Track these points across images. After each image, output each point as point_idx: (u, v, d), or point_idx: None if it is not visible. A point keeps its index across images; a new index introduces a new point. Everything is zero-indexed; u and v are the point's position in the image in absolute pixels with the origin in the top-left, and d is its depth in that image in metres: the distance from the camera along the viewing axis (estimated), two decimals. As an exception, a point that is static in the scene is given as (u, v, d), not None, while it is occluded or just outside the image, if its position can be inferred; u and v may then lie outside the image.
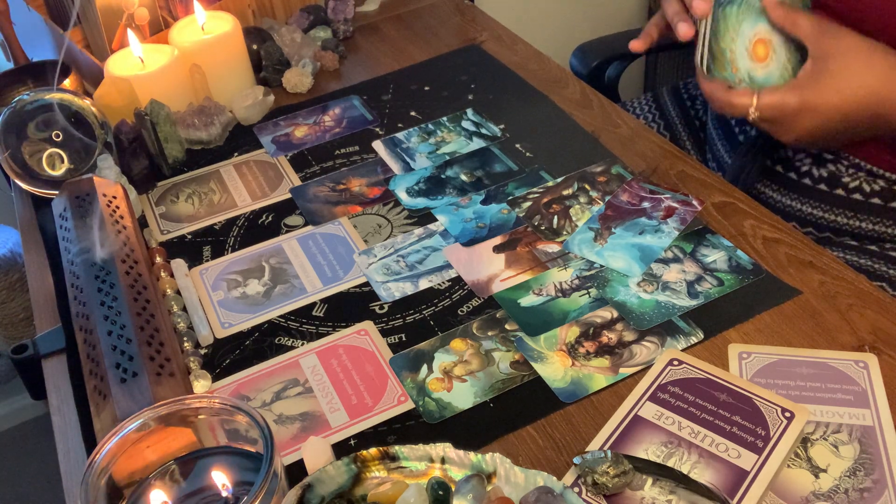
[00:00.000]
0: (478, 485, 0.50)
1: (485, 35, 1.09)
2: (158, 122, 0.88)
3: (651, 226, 0.74)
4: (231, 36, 0.96)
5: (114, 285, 0.66)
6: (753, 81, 0.70)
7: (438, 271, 0.73)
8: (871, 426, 0.56)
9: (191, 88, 0.96)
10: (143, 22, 1.00)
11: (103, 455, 0.51)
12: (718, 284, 0.68)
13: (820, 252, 0.70)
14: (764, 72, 0.69)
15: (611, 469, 0.52)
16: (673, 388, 0.59)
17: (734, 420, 0.56)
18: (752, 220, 0.74)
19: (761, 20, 0.70)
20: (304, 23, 1.10)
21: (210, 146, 0.93)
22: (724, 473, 0.53)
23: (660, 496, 0.53)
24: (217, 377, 0.66)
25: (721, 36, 0.70)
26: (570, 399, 0.61)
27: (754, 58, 0.69)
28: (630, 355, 0.63)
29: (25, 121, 0.85)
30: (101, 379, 0.60)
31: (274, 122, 0.96)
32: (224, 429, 0.56)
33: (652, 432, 0.56)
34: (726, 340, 0.63)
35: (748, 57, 0.69)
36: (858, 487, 0.52)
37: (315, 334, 0.69)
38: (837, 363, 0.60)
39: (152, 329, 0.64)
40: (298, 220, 0.81)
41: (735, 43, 0.69)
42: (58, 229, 0.77)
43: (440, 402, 0.62)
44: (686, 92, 1.06)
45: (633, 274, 0.70)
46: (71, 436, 0.63)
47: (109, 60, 0.94)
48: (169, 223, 0.83)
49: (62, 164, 0.86)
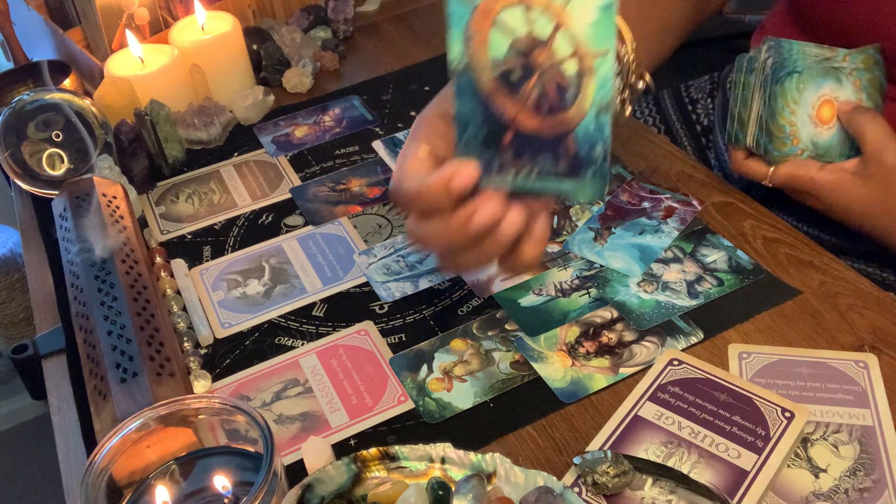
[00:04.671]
0: (478, 485, 0.50)
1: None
2: (158, 122, 0.88)
3: (651, 226, 0.74)
4: (231, 36, 0.96)
5: (114, 285, 0.66)
6: (817, 147, 0.69)
7: (439, 271, 0.73)
8: (871, 426, 0.56)
9: (191, 88, 0.96)
10: (143, 22, 1.00)
11: (103, 455, 0.51)
12: (718, 284, 0.68)
13: (820, 252, 0.70)
14: (829, 133, 0.69)
15: (611, 469, 0.52)
16: (673, 388, 0.59)
17: (734, 420, 0.56)
18: (752, 220, 0.74)
19: (827, 80, 0.68)
20: (304, 23, 1.10)
21: (210, 146, 0.93)
22: (724, 473, 0.53)
23: (660, 496, 0.53)
24: (217, 377, 0.66)
25: (779, 113, 0.68)
26: (570, 399, 0.61)
27: (819, 121, 0.68)
28: (630, 355, 0.63)
29: (25, 121, 0.85)
30: (101, 379, 0.60)
31: (274, 122, 0.96)
32: (224, 429, 0.56)
33: (652, 432, 0.56)
34: (726, 340, 0.63)
35: (811, 123, 0.68)
36: (858, 487, 0.52)
37: (315, 334, 0.69)
38: (837, 363, 0.60)
39: (152, 329, 0.64)
40: (298, 220, 0.81)
41: (795, 115, 0.68)
42: (58, 229, 0.77)
43: (440, 402, 0.62)
44: (687, 95, 1.06)
45: (633, 274, 0.70)
46: (71, 436, 0.63)
47: (109, 60, 0.94)
48: (169, 223, 0.83)
49: (62, 164, 0.86)
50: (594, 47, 0.47)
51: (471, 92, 0.50)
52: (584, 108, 0.49)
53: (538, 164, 0.51)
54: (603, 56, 0.48)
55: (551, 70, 0.49)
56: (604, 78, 0.48)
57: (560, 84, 0.49)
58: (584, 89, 0.49)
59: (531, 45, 0.49)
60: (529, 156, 0.51)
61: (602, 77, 0.48)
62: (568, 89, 0.49)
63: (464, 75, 0.50)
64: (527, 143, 0.51)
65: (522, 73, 0.49)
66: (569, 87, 0.49)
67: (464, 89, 0.50)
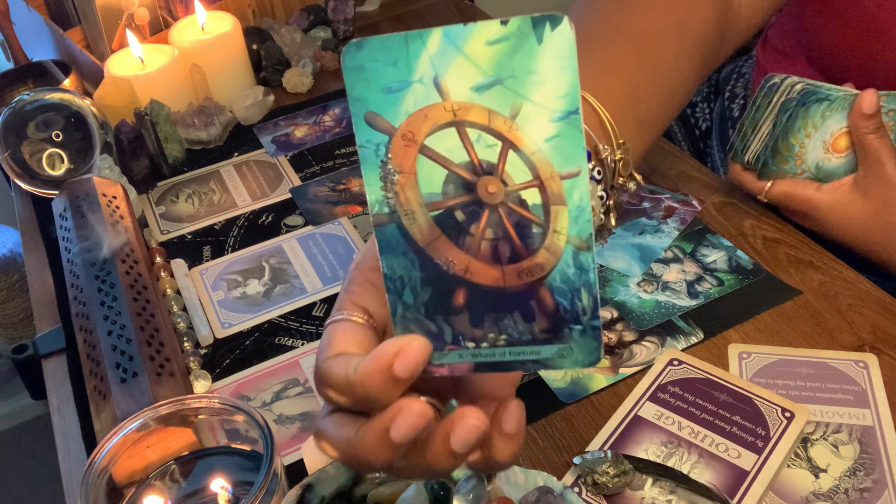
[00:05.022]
0: (478, 485, 0.50)
1: (485, 35, 1.09)
2: (158, 122, 0.88)
3: (651, 226, 0.74)
4: (231, 36, 0.96)
5: (114, 285, 0.66)
6: (820, 172, 0.69)
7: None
8: (871, 426, 0.56)
9: (191, 88, 0.96)
10: (143, 22, 1.00)
11: (103, 455, 0.51)
12: (718, 284, 0.68)
13: (820, 252, 0.70)
14: (837, 162, 0.68)
15: (611, 469, 0.52)
16: (673, 388, 0.59)
17: (734, 420, 0.56)
18: (752, 220, 0.74)
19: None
20: (304, 23, 1.10)
21: (210, 146, 0.93)
22: (724, 473, 0.53)
23: (660, 496, 0.53)
24: (217, 377, 0.66)
25: (793, 133, 0.68)
26: (570, 399, 0.61)
27: (832, 149, 0.68)
28: (630, 355, 0.63)
29: (25, 121, 0.85)
30: (101, 379, 0.60)
31: (274, 122, 0.96)
32: (224, 429, 0.56)
33: (652, 432, 0.56)
34: (726, 340, 0.63)
35: (823, 149, 0.68)
36: (858, 487, 0.52)
37: (315, 334, 0.69)
38: (837, 363, 0.60)
39: (152, 329, 0.64)
40: (298, 220, 0.81)
41: (809, 138, 0.68)
42: (58, 229, 0.77)
43: (440, 402, 0.61)
44: None
45: (633, 274, 0.70)
46: (71, 436, 0.63)
47: (109, 60, 0.94)
48: (169, 223, 0.83)
49: (62, 164, 0.86)
50: (560, 168, 0.36)
51: (401, 244, 0.38)
52: (557, 249, 0.37)
53: (505, 328, 0.38)
54: (573, 178, 0.36)
55: (506, 204, 0.37)
56: (578, 206, 0.36)
57: (520, 221, 0.37)
58: (554, 223, 0.37)
59: (475, 175, 0.37)
60: (492, 319, 0.38)
61: (576, 205, 0.36)
62: (532, 226, 0.37)
63: (388, 224, 0.38)
64: (486, 302, 0.38)
65: (468, 211, 0.37)
66: (532, 223, 0.37)
67: (391, 242, 0.38)
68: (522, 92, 0.35)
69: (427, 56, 0.35)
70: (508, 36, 0.34)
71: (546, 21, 0.34)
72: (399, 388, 0.36)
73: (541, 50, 0.34)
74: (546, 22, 0.34)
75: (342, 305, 0.41)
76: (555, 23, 0.34)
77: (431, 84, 0.36)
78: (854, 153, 0.67)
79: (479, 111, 0.36)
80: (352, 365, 0.36)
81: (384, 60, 0.36)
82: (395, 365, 0.36)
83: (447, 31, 0.35)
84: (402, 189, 0.37)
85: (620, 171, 0.58)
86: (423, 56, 0.35)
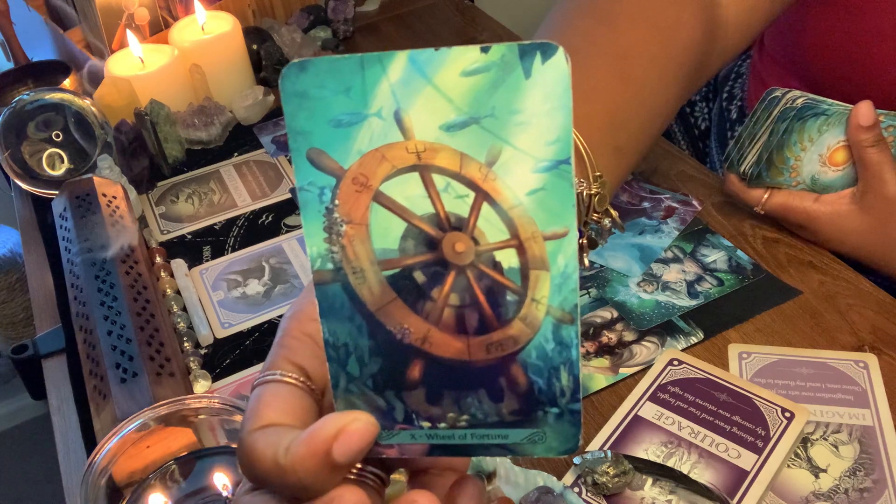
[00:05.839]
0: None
1: (485, 35, 1.09)
2: (158, 122, 0.88)
3: (651, 226, 0.74)
4: (231, 36, 0.96)
5: (114, 285, 0.66)
6: (816, 184, 0.68)
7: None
8: (871, 426, 0.56)
9: (191, 88, 0.96)
10: (143, 22, 1.00)
11: (103, 455, 0.51)
12: (718, 284, 0.68)
13: (820, 252, 0.70)
14: (834, 175, 0.68)
15: (611, 469, 0.52)
16: (673, 388, 0.59)
17: (734, 420, 0.56)
18: (752, 221, 0.74)
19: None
20: (304, 23, 1.10)
21: (210, 146, 0.93)
22: (724, 473, 0.53)
23: (660, 496, 0.53)
24: (217, 377, 0.66)
25: (788, 146, 0.67)
26: (570, 399, 0.60)
27: (829, 162, 0.67)
28: (630, 355, 0.63)
29: (25, 121, 0.85)
30: (101, 379, 0.60)
31: (274, 122, 0.96)
32: (224, 429, 0.56)
33: (652, 432, 0.56)
34: (726, 340, 0.63)
35: (819, 162, 0.67)
36: (858, 487, 0.52)
37: (315, 334, 0.69)
38: (837, 363, 0.60)
39: (152, 329, 0.64)
40: (298, 220, 0.81)
41: (805, 152, 0.67)
42: (58, 229, 0.77)
43: (440, 402, 0.61)
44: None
45: (633, 274, 0.70)
46: (71, 436, 0.63)
47: (109, 60, 0.94)
48: (169, 223, 0.83)
49: (62, 164, 0.86)
50: (543, 227, 0.30)
51: (347, 307, 0.32)
52: (534, 320, 0.31)
53: (468, 408, 0.33)
54: (558, 239, 0.30)
55: (476, 266, 0.31)
56: (563, 272, 0.30)
57: (493, 287, 0.31)
58: (533, 291, 0.31)
59: (440, 230, 0.31)
60: (452, 397, 0.33)
61: (560, 270, 0.30)
62: (506, 293, 0.31)
63: (332, 283, 0.31)
64: (447, 377, 0.32)
65: (430, 272, 0.31)
66: (507, 289, 0.31)
67: (335, 304, 0.32)
68: (503, 134, 0.29)
69: (388, 84, 0.29)
70: (489, 66, 0.29)
71: (536, 51, 0.28)
72: (337, 475, 0.31)
73: (528, 85, 0.28)
74: (536, 52, 0.28)
75: (274, 363, 0.34)
76: (547, 53, 0.28)
77: (392, 119, 0.30)
78: (851, 167, 0.67)
79: (448, 155, 0.30)
80: (283, 443, 0.30)
81: (333, 87, 0.29)
82: (335, 448, 0.30)
83: (414, 55, 0.29)
84: (351, 242, 0.31)
85: (596, 206, 0.52)
86: (383, 84, 0.29)
